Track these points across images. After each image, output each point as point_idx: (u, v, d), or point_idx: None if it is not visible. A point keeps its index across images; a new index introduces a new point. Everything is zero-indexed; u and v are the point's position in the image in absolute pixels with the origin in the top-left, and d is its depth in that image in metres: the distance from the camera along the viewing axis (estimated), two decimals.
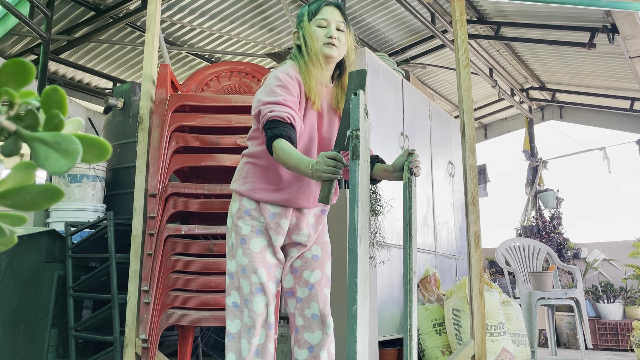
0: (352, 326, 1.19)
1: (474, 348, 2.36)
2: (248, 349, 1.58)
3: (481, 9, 5.15)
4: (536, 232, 6.49)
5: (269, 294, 1.61)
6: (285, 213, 1.66)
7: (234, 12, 4.83)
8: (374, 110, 3.57)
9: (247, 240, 1.63)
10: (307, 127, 1.66)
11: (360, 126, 1.29)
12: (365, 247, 1.28)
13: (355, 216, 1.25)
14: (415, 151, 1.66)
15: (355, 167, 1.28)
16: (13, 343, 2.51)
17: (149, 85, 2.45)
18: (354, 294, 1.21)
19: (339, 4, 1.73)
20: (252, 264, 1.60)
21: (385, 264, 3.37)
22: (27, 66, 0.39)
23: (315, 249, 1.73)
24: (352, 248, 1.23)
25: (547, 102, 7.35)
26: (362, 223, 1.26)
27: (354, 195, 1.26)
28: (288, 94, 1.58)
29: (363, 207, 1.28)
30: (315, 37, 1.65)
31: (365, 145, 1.31)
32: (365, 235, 1.28)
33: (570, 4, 3.49)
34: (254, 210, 1.66)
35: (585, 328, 4.17)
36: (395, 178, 1.69)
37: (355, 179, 1.27)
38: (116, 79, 5.80)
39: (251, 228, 1.64)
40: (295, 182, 1.64)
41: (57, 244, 2.79)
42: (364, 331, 1.22)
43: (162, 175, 2.27)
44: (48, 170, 0.38)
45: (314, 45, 1.65)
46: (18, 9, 3.71)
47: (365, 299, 1.24)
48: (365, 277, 1.25)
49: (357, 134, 1.29)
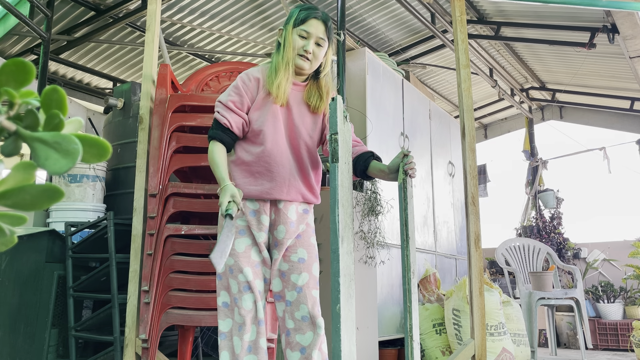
0: (336, 325, 1.23)
1: (474, 348, 2.36)
2: (240, 345, 1.63)
3: (481, 9, 5.15)
4: (536, 232, 6.49)
5: (256, 292, 1.67)
6: (264, 209, 1.73)
7: (234, 12, 4.83)
8: (374, 110, 3.57)
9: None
10: (269, 118, 1.75)
11: (338, 130, 1.33)
12: (348, 247, 1.30)
13: (336, 217, 1.28)
14: (410, 153, 1.73)
15: (335, 169, 1.31)
16: (13, 343, 2.51)
17: (149, 85, 2.45)
18: (337, 293, 1.25)
19: (326, 19, 1.79)
20: (238, 264, 1.67)
21: (385, 264, 3.37)
22: (27, 66, 0.39)
23: (301, 252, 1.74)
24: (334, 248, 1.27)
25: (547, 102, 7.35)
26: (343, 224, 1.29)
27: (334, 197, 1.29)
28: (238, 97, 1.75)
29: (344, 208, 1.31)
30: (292, 45, 1.75)
31: (344, 148, 1.34)
32: (347, 236, 1.30)
33: (570, 4, 3.49)
34: None
35: (585, 328, 4.17)
36: (391, 179, 1.75)
37: (336, 181, 1.31)
38: (116, 79, 5.80)
39: (235, 228, 1.69)
40: (266, 174, 1.72)
41: (57, 244, 2.79)
42: (350, 329, 1.24)
43: (162, 175, 2.27)
44: (48, 170, 0.38)
45: (289, 52, 1.75)
46: (18, 9, 3.71)
47: (351, 298, 1.26)
48: (349, 276, 1.27)
49: (335, 138, 1.34)
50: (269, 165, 1.72)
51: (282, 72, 1.73)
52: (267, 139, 1.73)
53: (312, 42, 1.74)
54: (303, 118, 1.79)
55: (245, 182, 1.72)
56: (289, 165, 1.74)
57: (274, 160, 1.72)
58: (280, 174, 1.72)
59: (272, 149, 1.73)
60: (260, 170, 1.72)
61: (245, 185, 1.72)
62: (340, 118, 1.34)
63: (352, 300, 1.27)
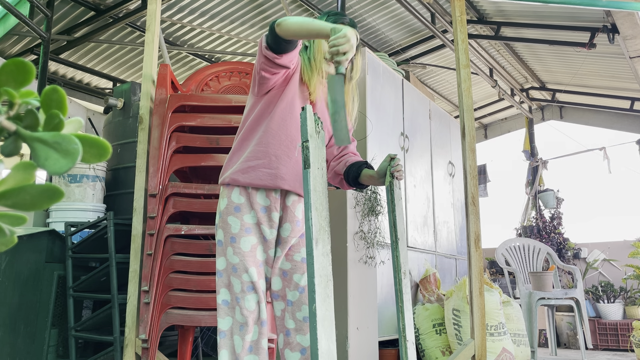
0: (312, 324, 1.25)
1: (474, 348, 2.36)
2: (242, 345, 1.60)
3: (481, 9, 5.15)
4: (536, 232, 6.49)
5: (259, 292, 1.64)
6: (275, 205, 1.67)
7: (234, 12, 4.83)
8: (374, 110, 3.57)
9: (237, 239, 1.64)
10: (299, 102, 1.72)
11: (309, 137, 1.36)
12: (324, 249, 1.34)
13: (309, 221, 1.32)
14: (397, 156, 1.75)
15: (307, 175, 1.35)
16: (13, 343, 2.51)
17: (149, 85, 2.45)
18: (312, 294, 1.28)
19: (354, 25, 1.77)
20: (243, 263, 1.63)
21: (385, 264, 3.37)
22: (27, 66, 0.39)
23: (304, 252, 1.73)
24: (309, 251, 1.31)
25: (547, 102, 7.35)
26: (317, 227, 1.33)
27: (308, 201, 1.33)
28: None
29: (318, 211, 1.35)
30: (322, 50, 1.74)
31: (316, 154, 1.38)
32: (323, 238, 1.35)
33: (570, 4, 3.49)
34: (243, 205, 1.66)
35: (585, 328, 4.17)
36: (381, 183, 1.78)
37: (308, 186, 1.34)
38: (116, 79, 5.80)
39: (241, 226, 1.65)
40: (284, 159, 1.66)
41: (57, 244, 2.79)
42: (328, 329, 1.27)
43: (162, 175, 2.27)
44: (48, 170, 0.38)
45: (317, 57, 1.74)
46: (18, 9, 3.71)
47: (328, 298, 1.31)
48: (326, 277, 1.32)
49: (307, 145, 1.37)
50: (290, 152, 1.67)
51: (316, 72, 1.74)
52: (294, 125, 1.68)
53: None
54: (323, 115, 1.77)
55: (259, 164, 1.65)
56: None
57: (296, 148, 1.68)
58: (298, 163, 1.67)
59: (297, 136, 1.68)
60: (279, 154, 1.66)
61: (258, 168, 1.65)
62: (310, 126, 1.38)
63: (330, 300, 1.32)
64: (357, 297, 2.99)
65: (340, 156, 1.88)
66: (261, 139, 1.67)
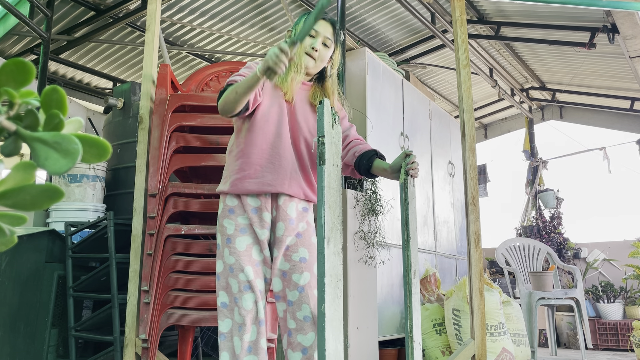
0: (321, 324, 1.24)
1: (474, 348, 2.36)
2: (240, 346, 1.63)
3: (481, 9, 5.15)
4: (536, 232, 6.49)
5: (257, 291, 1.66)
6: (265, 205, 1.71)
7: (234, 12, 4.82)
8: (374, 110, 3.57)
9: (233, 240, 1.69)
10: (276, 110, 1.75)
11: (325, 132, 1.34)
12: (335, 248, 1.32)
13: (322, 219, 1.30)
14: (412, 152, 1.74)
15: (322, 171, 1.32)
16: (13, 343, 2.51)
17: (149, 85, 2.45)
18: (322, 294, 1.27)
19: (334, 22, 1.85)
20: (239, 263, 1.66)
21: (385, 264, 3.37)
22: (27, 66, 0.39)
23: (302, 252, 1.73)
24: (321, 249, 1.29)
25: (547, 102, 7.35)
26: (330, 225, 1.31)
27: (321, 198, 1.31)
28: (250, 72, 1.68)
29: (331, 209, 1.33)
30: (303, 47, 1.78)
31: (332, 150, 1.35)
32: (335, 237, 1.32)
33: (570, 4, 3.49)
34: (236, 207, 1.72)
35: (585, 328, 4.17)
36: (393, 178, 1.79)
37: (323, 182, 1.32)
38: (116, 79, 5.79)
39: (235, 227, 1.70)
40: (268, 166, 1.71)
41: (57, 244, 2.79)
42: (336, 329, 1.26)
43: (162, 175, 2.27)
44: (48, 170, 0.38)
45: (298, 50, 1.75)
46: (18, 9, 3.71)
47: (338, 298, 1.29)
48: (337, 277, 1.30)
49: (323, 141, 1.35)
50: (272, 158, 1.71)
51: (293, 69, 1.75)
52: (273, 131, 1.73)
53: (319, 41, 1.77)
54: (306, 116, 1.80)
55: (245, 175, 1.70)
56: (291, 159, 1.74)
57: (277, 153, 1.72)
58: (283, 167, 1.71)
59: (276, 141, 1.73)
60: (262, 163, 1.71)
61: (245, 179, 1.70)
62: (327, 121, 1.35)
63: (339, 300, 1.29)
64: (357, 297, 2.99)
65: (345, 145, 1.89)
66: (244, 151, 1.73)
